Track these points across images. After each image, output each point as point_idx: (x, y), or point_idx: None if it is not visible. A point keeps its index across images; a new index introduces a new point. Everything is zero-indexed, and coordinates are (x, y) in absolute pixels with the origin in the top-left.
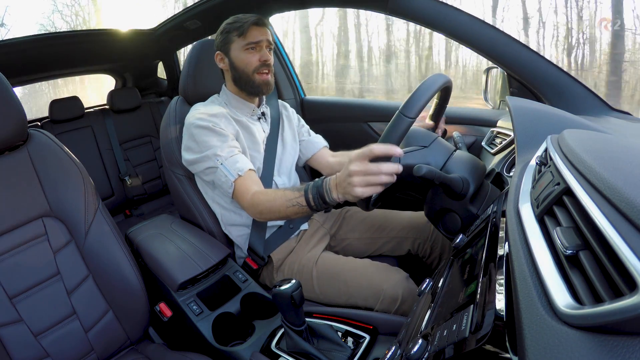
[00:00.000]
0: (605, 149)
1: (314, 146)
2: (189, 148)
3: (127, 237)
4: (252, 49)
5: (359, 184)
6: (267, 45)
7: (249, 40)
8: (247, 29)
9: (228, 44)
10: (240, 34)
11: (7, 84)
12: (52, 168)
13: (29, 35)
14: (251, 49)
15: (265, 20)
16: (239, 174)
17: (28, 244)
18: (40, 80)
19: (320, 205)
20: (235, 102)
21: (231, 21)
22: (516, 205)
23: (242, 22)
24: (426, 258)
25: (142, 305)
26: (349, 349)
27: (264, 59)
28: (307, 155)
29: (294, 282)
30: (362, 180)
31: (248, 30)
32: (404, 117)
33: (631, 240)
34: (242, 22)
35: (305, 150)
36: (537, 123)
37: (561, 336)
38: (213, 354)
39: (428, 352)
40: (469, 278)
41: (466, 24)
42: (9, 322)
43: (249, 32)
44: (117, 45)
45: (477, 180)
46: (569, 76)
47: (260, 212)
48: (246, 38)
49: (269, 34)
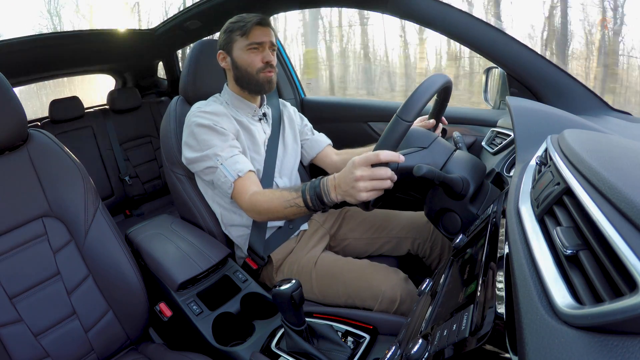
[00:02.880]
0: (605, 149)
1: (318, 145)
2: (189, 146)
3: (127, 237)
4: (255, 49)
5: (365, 189)
6: (270, 47)
7: (252, 40)
8: (250, 29)
9: (231, 43)
10: (243, 34)
11: (7, 84)
12: (52, 168)
13: (29, 35)
14: (254, 49)
15: (268, 20)
16: (238, 175)
17: (28, 244)
18: (40, 80)
19: (318, 206)
20: (236, 102)
21: (235, 20)
22: (516, 205)
23: (245, 22)
24: (426, 258)
25: (142, 305)
26: (349, 349)
27: (267, 59)
28: (311, 154)
29: (294, 282)
30: (369, 185)
31: (251, 30)
32: (401, 120)
33: (631, 240)
34: (246, 22)
35: (310, 149)
36: (537, 123)
37: (561, 336)
38: (213, 354)
39: (428, 352)
40: (469, 278)
41: (466, 24)
42: (9, 322)
43: (252, 32)
44: (117, 45)
45: (477, 180)
46: (569, 76)
47: (259, 212)
48: (249, 38)
49: (272, 34)
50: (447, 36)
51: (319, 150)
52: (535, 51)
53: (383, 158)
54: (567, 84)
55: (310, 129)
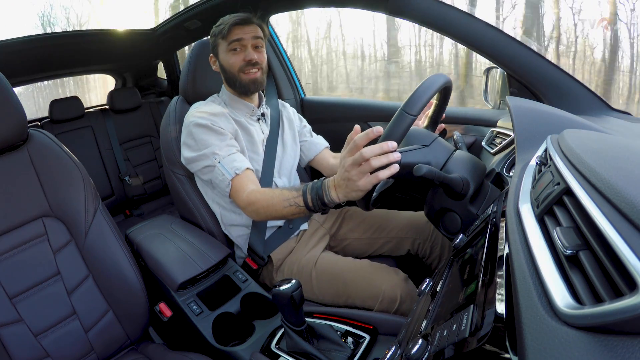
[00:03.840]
0: (605, 149)
1: (316, 147)
2: (187, 146)
3: (127, 237)
4: (236, 49)
5: (360, 174)
6: (254, 44)
7: (231, 40)
8: (228, 30)
9: (216, 46)
10: (223, 36)
11: (7, 84)
12: (52, 168)
13: (29, 35)
14: (234, 49)
15: (250, 18)
16: (236, 173)
17: (28, 244)
18: (40, 80)
19: (318, 207)
20: (234, 102)
21: (217, 24)
22: (516, 205)
23: (224, 24)
24: (426, 258)
25: (142, 305)
26: (349, 349)
27: (248, 58)
28: (309, 156)
29: (294, 282)
30: (361, 168)
31: (229, 31)
32: (406, 114)
33: (631, 240)
34: (225, 24)
35: (307, 151)
36: (537, 123)
37: (561, 336)
38: (213, 354)
39: (428, 352)
40: (469, 278)
41: (466, 24)
42: (9, 322)
43: (230, 33)
44: (117, 45)
45: (477, 180)
46: (569, 76)
47: (257, 210)
48: (228, 38)
49: (255, 31)
50: (447, 36)
51: (316, 153)
52: (535, 51)
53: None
54: (567, 83)
55: (309, 131)
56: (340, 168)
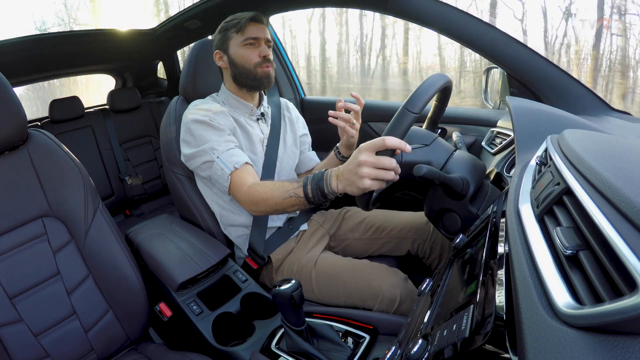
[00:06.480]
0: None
1: (310, 163)
2: (186, 142)
3: (127, 237)
4: (251, 44)
5: (368, 175)
6: (266, 43)
7: (247, 36)
8: (245, 25)
9: (227, 41)
10: (238, 30)
11: (7, 84)
12: (52, 168)
13: (29, 35)
14: (250, 44)
15: (262, 17)
16: (235, 167)
17: (28, 243)
18: (40, 80)
19: (319, 198)
20: (233, 101)
21: (229, 19)
22: (516, 205)
23: (239, 19)
24: (426, 258)
25: (142, 305)
26: (349, 349)
27: (264, 54)
28: (300, 169)
29: (294, 282)
30: (372, 172)
31: (246, 26)
32: (407, 112)
33: (631, 240)
34: (240, 19)
35: (301, 163)
36: (537, 123)
37: (561, 336)
38: (213, 354)
39: (428, 352)
40: (469, 278)
41: (466, 23)
42: (9, 322)
43: (246, 28)
44: (117, 45)
45: (477, 180)
46: (569, 76)
47: (257, 202)
48: (244, 34)
49: (267, 32)
50: (447, 36)
51: (307, 169)
52: (535, 51)
53: (389, 143)
54: (567, 84)
55: (308, 144)
56: (353, 159)
